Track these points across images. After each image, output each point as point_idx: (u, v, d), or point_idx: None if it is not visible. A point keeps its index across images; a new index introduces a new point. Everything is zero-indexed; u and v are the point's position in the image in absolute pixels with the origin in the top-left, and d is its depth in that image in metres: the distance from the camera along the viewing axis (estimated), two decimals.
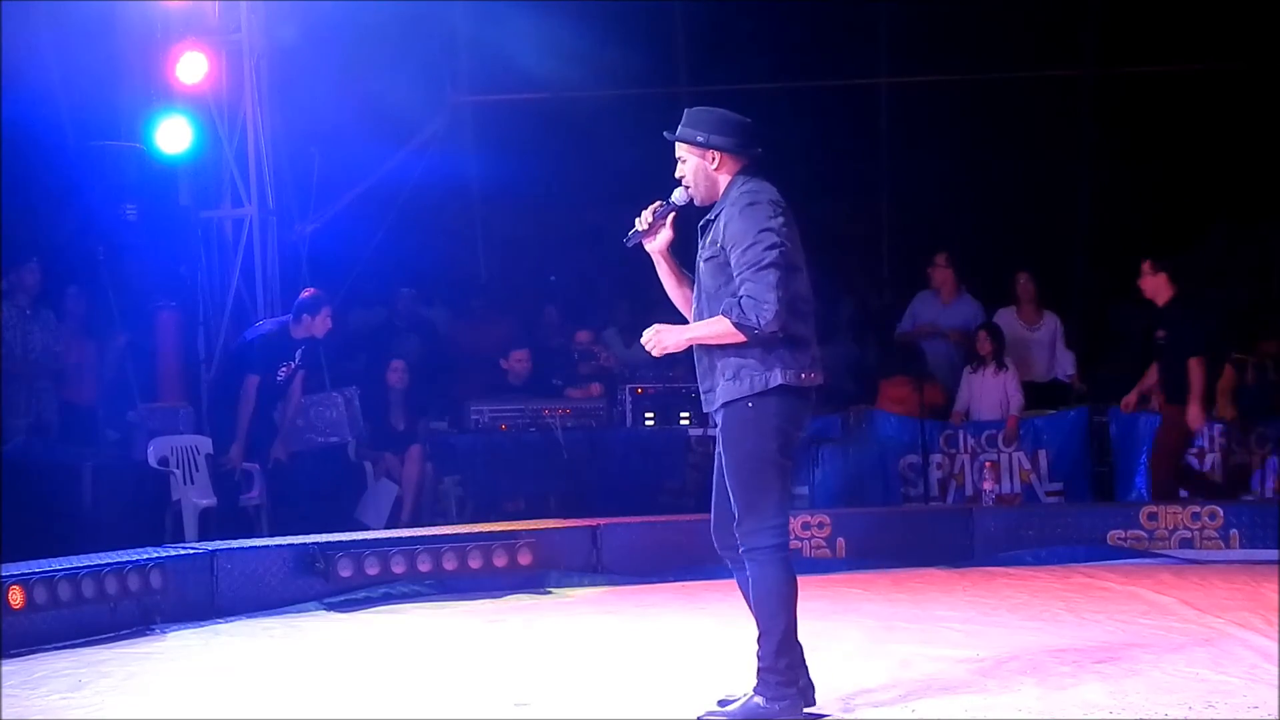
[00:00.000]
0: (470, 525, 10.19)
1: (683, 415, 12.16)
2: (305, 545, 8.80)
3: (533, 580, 9.21)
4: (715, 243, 5.56)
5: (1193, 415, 10.71)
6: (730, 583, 5.78)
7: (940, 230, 14.07)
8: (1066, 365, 12.61)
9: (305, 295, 10.83)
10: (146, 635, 7.77)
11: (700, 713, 5.63)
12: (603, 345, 13.11)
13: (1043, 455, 11.97)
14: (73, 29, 11.40)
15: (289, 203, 12.45)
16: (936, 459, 11.98)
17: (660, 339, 5.60)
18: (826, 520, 10.18)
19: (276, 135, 12.17)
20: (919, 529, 10.46)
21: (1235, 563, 9.88)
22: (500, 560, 9.16)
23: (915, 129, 14.78)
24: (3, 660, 6.94)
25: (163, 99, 11.67)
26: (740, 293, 5.43)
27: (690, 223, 5.72)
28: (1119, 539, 10.29)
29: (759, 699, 5.52)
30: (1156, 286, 10.91)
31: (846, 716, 5.64)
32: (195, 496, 10.64)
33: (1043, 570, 9.71)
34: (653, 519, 10.27)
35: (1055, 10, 14.38)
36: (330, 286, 11.57)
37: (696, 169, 5.66)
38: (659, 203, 5.71)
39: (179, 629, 7.92)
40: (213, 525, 10.59)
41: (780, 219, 5.50)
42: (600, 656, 7.06)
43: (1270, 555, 9.73)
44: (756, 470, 5.50)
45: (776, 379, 5.47)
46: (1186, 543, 10.20)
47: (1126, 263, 11.46)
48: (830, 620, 7.58)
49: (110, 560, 7.89)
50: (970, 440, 12.02)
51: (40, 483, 10.09)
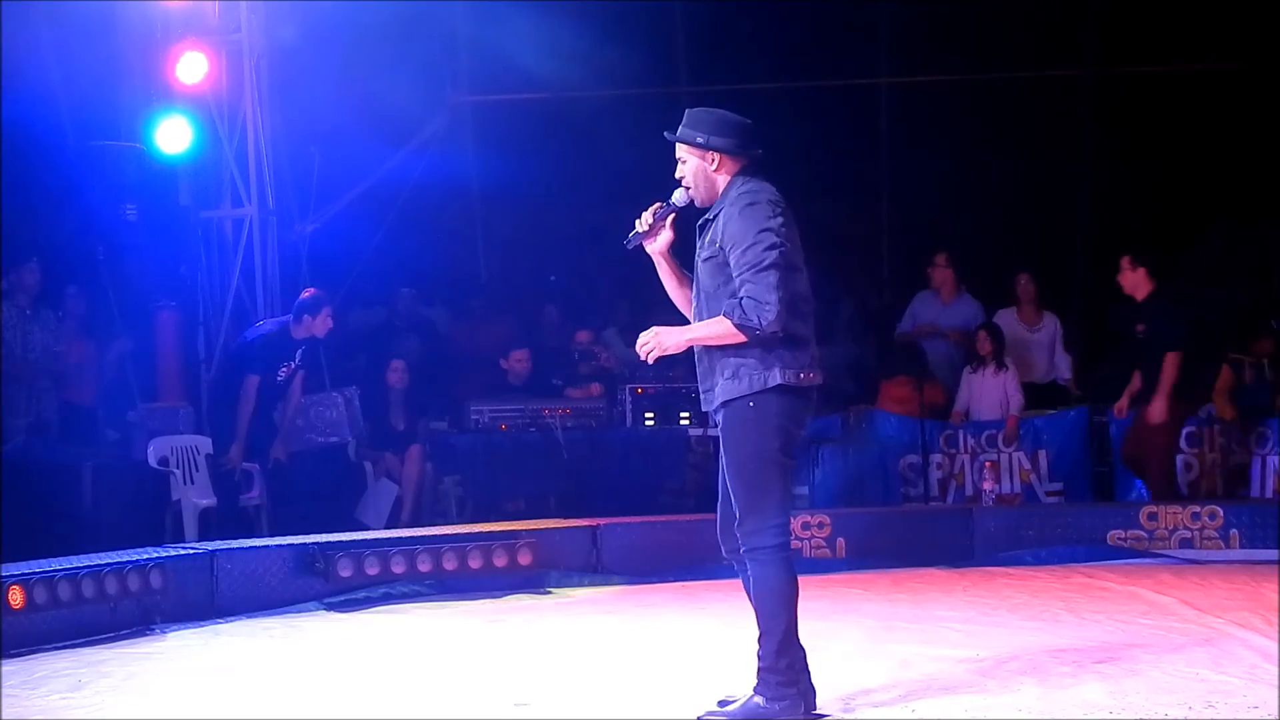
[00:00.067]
0: (470, 525, 10.18)
1: (683, 415, 12.14)
2: (305, 545, 8.80)
3: (533, 580, 9.20)
4: (714, 243, 5.56)
5: (1154, 409, 10.65)
6: (730, 583, 5.79)
7: (940, 230, 14.07)
8: (1064, 369, 12.60)
9: (306, 295, 10.83)
10: (146, 635, 7.77)
11: (700, 713, 5.63)
12: (603, 345, 13.10)
13: (1043, 455, 11.96)
14: (73, 29, 11.40)
15: (289, 203, 12.45)
16: (936, 459, 11.98)
17: (660, 340, 5.60)
18: (826, 520, 10.18)
19: (276, 135, 12.17)
20: (919, 529, 10.45)
21: (1235, 563, 9.87)
22: (500, 560, 9.16)
23: (915, 129, 14.77)
24: (3, 660, 6.94)
25: (163, 99, 11.66)
26: (741, 294, 5.43)
27: (690, 223, 5.72)
28: (1119, 539, 10.29)
29: (759, 699, 5.52)
30: (1136, 282, 10.90)
31: (846, 716, 5.64)
32: (195, 496, 10.64)
33: (1043, 570, 9.71)
34: (653, 519, 10.26)
35: (1055, 10, 14.37)
36: (330, 286, 11.56)
37: (696, 170, 5.66)
38: (659, 204, 5.71)
39: (179, 629, 7.93)
40: (213, 525, 10.60)
41: (779, 218, 5.50)
42: (600, 656, 7.06)
43: (1270, 555, 9.72)
44: (758, 470, 5.51)
45: (775, 378, 5.47)
46: (1186, 543, 10.20)
47: None
48: (830, 620, 7.57)
49: (110, 560, 7.89)
50: (970, 440, 12.00)
51: (40, 483, 10.10)
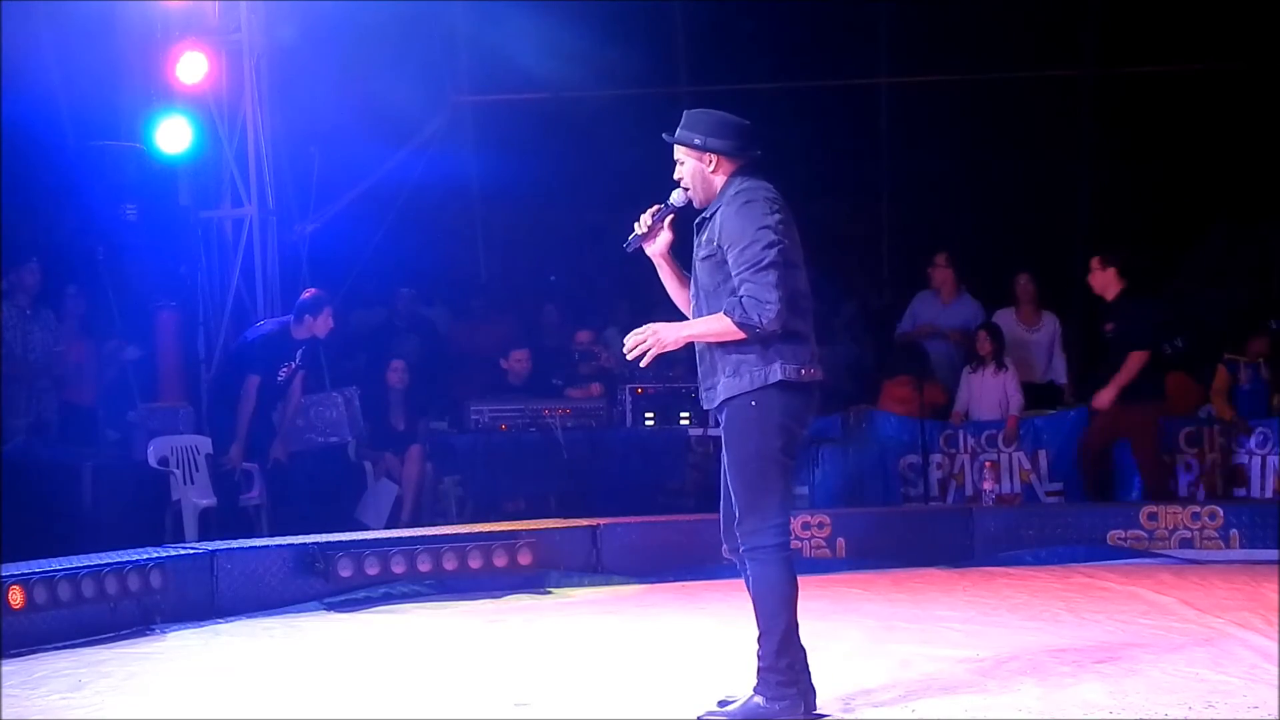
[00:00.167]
0: (470, 525, 10.17)
1: (683, 415, 12.15)
2: (305, 545, 8.79)
3: (533, 580, 9.20)
4: (712, 241, 5.56)
5: (1101, 397, 10.73)
6: (730, 582, 5.79)
7: (940, 230, 14.06)
8: (1060, 370, 12.61)
9: (306, 295, 10.83)
10: (146, 635, 7.77)
11: (700, 713, 5.63)
12: (603, 345, 13.09)
13: (1042, 455, 11.95)
14: (73, 29, 11.39)
15: (289, 203, 12.44)
16: (936, 459, 11.97)
17: (660, 336, 5.60)
18: (826, 520, 10.17)
19: (276, 135, 12.16)
20: (919, 529, 10.45)
21: (1235, 563, 9.88)
22: (500, 560, 9.15)
23: (915, 129, 14.76)
24: (3, 660, 6.94)
25: (163, 99, 11.66)
26: (741, 292, 5.43)
27: (690, 223, 5.72)
28: (1119, 539, 10.29)
29: (759, 699, 5.52)
30: (1105, 282, 10.94)
31: (846, 717, 5.64)
32: (195, 496, 10.64)
33: (1043, 570, 9.72)
34: (653, 519, 10.23)
35: (1055, 10, 14.36)
36: (330, 286, 11.55)
37: (694, 171, 5.66)
38: (657, 206, 5.71)
39: (179, 629, 7.93)
40: (213, 525, 10.59)
41: (777, 215, 5.50)
42: (600, 656, 7.06)
43: (1270, 555, 9.74)
44: (759, 469, 5.51)
45: (776, 374, 5.47)
46: (1186, 543, 10.21)
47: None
48: (830, 620, 7.57)
49: (110, 560, 7.88)
50: (970, 440, 12.00)
51: (40, 483, 10.10)
